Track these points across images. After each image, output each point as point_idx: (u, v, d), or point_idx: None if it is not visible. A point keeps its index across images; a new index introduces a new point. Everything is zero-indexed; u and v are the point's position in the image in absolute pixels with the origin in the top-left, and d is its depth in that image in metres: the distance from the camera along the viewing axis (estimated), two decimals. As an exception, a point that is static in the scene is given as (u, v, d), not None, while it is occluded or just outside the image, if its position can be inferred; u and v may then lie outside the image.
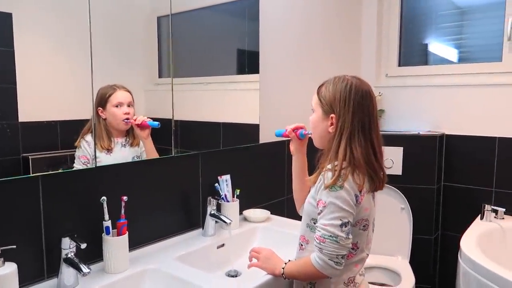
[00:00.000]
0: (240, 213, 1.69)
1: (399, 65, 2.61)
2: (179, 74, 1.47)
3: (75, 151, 1.18)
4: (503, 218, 2.15)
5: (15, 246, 0.99)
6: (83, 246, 1.06)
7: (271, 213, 1.76)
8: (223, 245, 1.52)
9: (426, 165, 2.32)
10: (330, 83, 1.11)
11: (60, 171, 1.14)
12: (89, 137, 1.20)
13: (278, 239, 1.56)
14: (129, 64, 1.34)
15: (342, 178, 1.02)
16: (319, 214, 1.06)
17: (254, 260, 1.25)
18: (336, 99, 1.08)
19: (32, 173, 1.07)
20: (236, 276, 1.43)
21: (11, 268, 0.97)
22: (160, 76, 1.44)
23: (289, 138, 1.30)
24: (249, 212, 1.73)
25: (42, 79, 1.09)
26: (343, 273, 1.11)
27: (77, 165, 1.19)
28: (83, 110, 1.20)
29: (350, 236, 1.03)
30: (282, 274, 1.15)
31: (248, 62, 1.81)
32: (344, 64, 2.47)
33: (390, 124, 2.56)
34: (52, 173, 1.12)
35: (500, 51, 2.25)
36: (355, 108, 1.06)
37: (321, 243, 1.03)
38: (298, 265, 1.13)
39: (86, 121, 1.21)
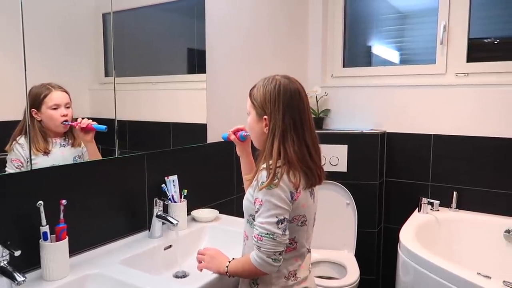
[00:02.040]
0: (188, 213, 1.68)
1: (344, 66, 2.71)
2: (125, 74, 1.44)
3: (6, 154, 1.11)
4: (438, 210, 2.30)
5: None
6: (17, 253, 1.01)
7: (220, 213, 1.76)
8: (170, 246, 1.50)
9: (369, 162, 2.43)
10: (260, 85, 1.14)
11: (-10, 175, 1.07)
12: (22, 140, 1.14)
13: (227, 238, 1.56)
14: (73, 62, 1.28)
15: (277, 176, 1.05)
16: (256, 212, 1.08)
17: (203, 262, 1.25)
18: (266, 100, 1.10)
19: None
20: (184, 277, 1.42)
21: None
22: (106, 75, 1.39)
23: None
24: (197, 212, 1.72)
25: None
26: (283, 268, 1.14)
27: (9, 169, 1.12)
28: (15, 111, 1.13)
29: (287, 233, 1.06)
30: (226, 272, 1.16)
31: (198, 62, 1.80)
32: (291, 64, 2.53)
33: (336, 123, 2.65)
34: (-19, 177, 1.05)
35: (434, 54, 2.41)
36: (285, 107, 1.09)
37: (259, 241, 1.05)
38: (239, 263, 1.15)
39: (18, 122, 1.14)
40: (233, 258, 1.19)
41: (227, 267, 1.16)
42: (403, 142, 2.47)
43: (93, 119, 1.32)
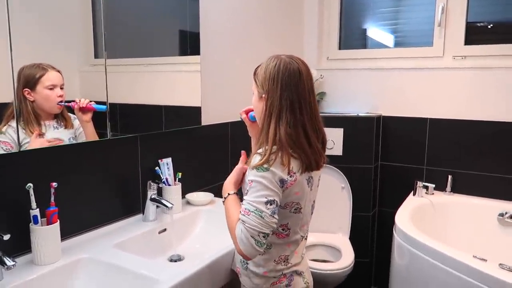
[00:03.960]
0: (183, 197, 1.65)
1: (340, 48, 2.67)
2: (116, 55, 1.38)
3: None
4: (433, 194, 2.30)
5: None
6: (6, 237, 0.98)
7: (215, 196, 1.74)
8: (165, 229, 1.48)
9: (364, 146, 2.41)
10: (264, 63, 1.11)
11: (-24, 156, 1.03)
12: (14, 123, 1.09)
13: (222, 221, 1.52)
14: (62, 43, 1.22)
15: (269, 162, 1.02)
16: (246, 193, 1.05)
17: None
18: (266, 79, 1.07)
19: None
20: (179, 261, 1.41)
21: None
22: (96, 57, 1.34)
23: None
24: (192, 196, 1.70)
25: None
26: (274, 252, 1.12)
27: (-1, 151, 1.08)
28: (3, 93, 1.08)
29: (276, 216, 1.02)
30: (223, 201, 1.15)
31: (190, 44, 1.75)
32: (287, 46, 2.48)
33: (332, 106, 2.62)
34: (-33, 158, 1.01)
35: (431, 37, 2.38)
36: (283, 86, 1.05)
37: (246, 215, 1.00)
38: (230, 214, 1.09)
39: (7, 104, 1.09)
40: (235, 193, 1.14)
41: (225, 198, 1.14)
42: (399, 126, 2.45)
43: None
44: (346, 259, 2.13)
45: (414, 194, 2.29)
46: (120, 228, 1.40)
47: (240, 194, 1.16)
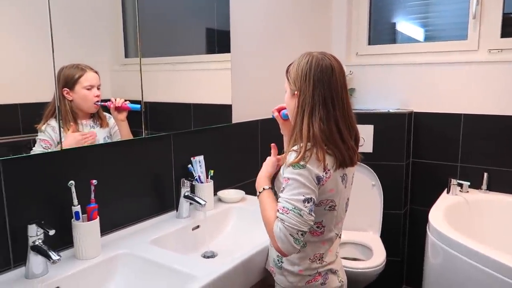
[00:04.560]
0: (215, 194, 1.67)
1: (369, 43, 2.62)
2: (146, 54, 1.41)
3: (37, 135, 1.11)
4: (467, 192, 2.24)
5: (-24, 235, 0.94)
6: (52, 232, 1.02)
7: (245, 193, 1.75)
8: (198, 226, 1.50)
9: (395, 142, 2.37)
10: (296, 61, 1.11)
11: (23, 155, 1.08)
12: (53, 122, 1.13)
13: (254, 218, 1.54)
14: (93, 43, 1.26)
15: (305, 159, 1.02)
16: (282, 191, 1.05)
17: None
18: (298, 76, 1.07)
19: (-8, 158, 1.01)
20: (212, 257, 1.42)
21: (-27, 258, 0.92)
22: (126, 56, 1.37)
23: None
24: (224, 193, 1.71)
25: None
26: (310, 250, 1.12)
27: (37, 149, 1.11)
28: (45, 92, 1.13)
29: (313, 214, 1.02)
30: (258, 195, 1.16)
31: (218, 42, 1.76)
32: (315, 43, 2.46)
33: (361, 102, 2.58)
34: (14, 157, 1.05)
35: (465, 30, 2.30)
36: (315, 82, 1.04)
37: (284, 213, 1.00)
38: (267, 207, 1.09)
39: (47, 103, 1.13)
40: (270, 188, 1.15)
41: (260, 192, 1.15)
42: (431, 122, 2.39)
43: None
44: (377, 257, 2.11)
45: (448, 192, 2.23)
46: (155, 224, 1.44)
47: (273, 189, 1.17)
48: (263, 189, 1.15)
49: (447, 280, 1.74)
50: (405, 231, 2.54)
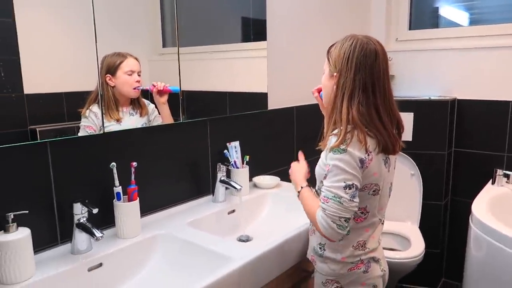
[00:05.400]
0: (250, 180, 1.68)
1: (410, 28, 2.53)
2: (183, 44, 1.43)
3: (79, 122, 1.15)
4: (514, 183, 2.12)
5: (27, 212, 0.99)
6: (95, 211, 1.06)
7: (281, 180, 1.75)
8: (233, 211, 1.52)
9: (437, 131, 2.28)
10: (339, 42, 1.09)
11: (68, 136, 1.12)
12: (95, 108, 1.17)
13: (289, 204, 1.55)
14: (131, 33, 1.29)
15: (346, 142, 1.00)
16: (324, 178, 1.04)
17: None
18: (340, 57, 1.05)
19: (40, 140, 1.06)
20: (247, 241, 1.44)
21: (24, 233, 0.98)
22: (164, 46, 1.40)
23: None
24: (259, 179, 1.72)
25: (45, 50, 1.06)
26: (353, 237, 1.10)
27: (82, 134, 1.16)
28: (88, 81, 1.16)
29: (356, 200, 1.00)
30: (298, 196, 1.17)
31: (253, 30, 1.75)
32: (352, 29, 2.39)
33: (401, 89, 2.50)
34: (60, 138, 1.10)
35: (514, 12, 2.17)
36: (357, 66, 1.02)
37: (325, 203, 1.01)
38: (308, 202, 1.11)
39: (92, 92, 1.17)
40: (307, 185, 1.17)
41: (299, 192, 1.17)
42: (476, 110, 2.28)
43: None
44: (416, 248, 2.05)
45: (493, 183, 2.13)
46: (192, 207, 1.47)
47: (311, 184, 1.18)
48: (301, 187, 1.16)
49: (490, 274, 1.67)
50: (445, 222, 2.45)
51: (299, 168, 1.25)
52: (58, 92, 1.10)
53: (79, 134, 1.15)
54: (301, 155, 1.27)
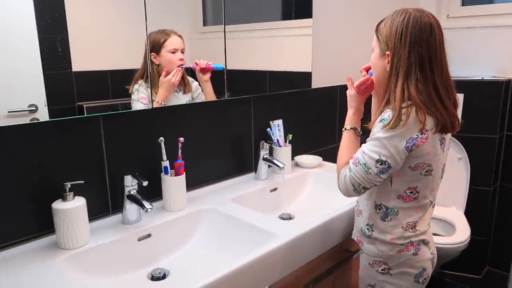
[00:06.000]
0: (292, 158, 1.67)
1: (463, 4, 2.38)
2: (222, 22, 1.41)
3: (127, 99, 1.17)
4: None
5: (82, 182, 1.04)
6: (145, 183, 1.10)
7: (323, 160, 1.73)
8: (275, 189, 1.52)
9: (488, 113, 2.17)
10: (389, 18, 1.03)
11: (118, 111, 1.16)
12: (141, 82, 1.20)
13: (331, 184, 1.52)
14: (173, 12, 1.29)
15: (402, 120, 0.95)
16: (366, 140, 1.03)
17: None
18: (392, 34, 0.99)
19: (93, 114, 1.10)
20: (289, 219, 1.44)
21: (81, 201, 1.03)
22: (204, 24, 1.39)
23: None
24: (301, 158, 1.71)
25: (92, 29, 1.08)
26: (402, 217, 1.07)
27: (138, 106, 1.19)
28: (133, 59, 1.18)
29: (383, 176, 1.00)
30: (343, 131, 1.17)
31: (295, 8, 1.71)
32: (402, 4, 2.28)
33: (452, 69, 2.34)
34: (111, 113, 1.14)
35: None
36: (411, 42, 0.96)
37: (354, 164, 1.03)
38: (343, 148, 1.13)
39: (136, 70, 1.19)
40: (352, 128, 1.15)
41: (344, 129, 1.16)
42: (533, 91, 2.14)
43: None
44: (461, 234, 1.99)
45: (548, 169, 2.01)
46: (235, 184, 1.48)
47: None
48: (345, 129, 1.16)
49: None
50: (492, 209, 2.35)
51: (348, 102, 1.19)
52: (103, 70, 1.12)
53: (133, 108, 1.18)
54: (349, 80, 1.19)
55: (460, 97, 2.18)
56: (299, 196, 1.59)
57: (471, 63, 2.32)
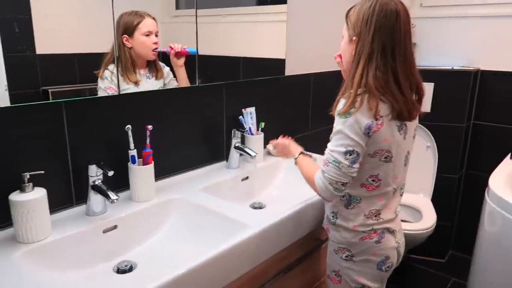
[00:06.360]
0: (264, 147, 1.65)
1: (436, -7, 2.40)
2: (193, 6, 1.36)
3: (94, 85, 1.11)
4: (534, 158, 2.07)
5: (43, 172, 0.98)
6: (111, 173, 1.05)
7: (295, 148, 1.72)
8: (247, 177, 1.50)
9: (457, 102, 2.22)
10: (358, 4, 1.03)
11: (84, 97, 1.10)
12: (112, 67, 1.14)
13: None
14: None
15: (355, 107, 0.97)
16: (330, 140, 1.04)
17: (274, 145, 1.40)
18: (359, 20, 1.00)
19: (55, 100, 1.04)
20: (260, 208, 1.43)
21: (41, 193, 0.97)
22: (177, 8, 1.33)
23: None
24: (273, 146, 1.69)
25: (58, 9, 1.01)
26: (364, 205, 1.09)
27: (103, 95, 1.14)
28: (103, 42, 1.12)
29: (355, 166, 1.00)
30: (295, 163, 1.22)
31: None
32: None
33: (423, 58, 2.41)
34: (75, 99, 1.08)
35: (552, -23, 2.03)
36: (376, 28, 0.97)
37: (325, 165, 1.03)
38: (305, 166, 1.16)
39: (106, 54, 1.13)
40: (301, 153, 1.22)
41: (296, 158, 1.22)
42: (500, 82, 2.20)
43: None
44: (427, 220, 2.05)
45: (511, 158, 2.08)
46: (206, 173, 1.46)
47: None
48: (298, 154, 1.21)
49: (503, 249, 1.66)
50: (458, 196, 2.43)
51: (286, 141, 1.31)
52: (70, 53, 1.06)
53: (99, 95, 1.12)
54: (281, 136, 1.36)
55: (430, 86, 2.24)
56: (271, 185, 1.58)
57: (443, 53, 2.35)
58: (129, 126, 1.14)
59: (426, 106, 2.24)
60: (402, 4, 1.01)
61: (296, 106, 1.87)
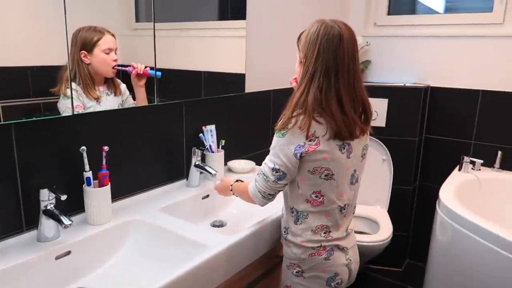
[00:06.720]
0: (225, 164, 1.66)
1: (389, 13, 2.52)
2: (157, 19, 1.35)
3: (49, 98, 1.07)
4: (479, 170, 2.20)
5: (-11, 198, 0.94)
6: (63, 197, 1.02)
7: (256, 164, 1.74)
8: (208, 196, 1.50)
9: (409, 117, 2.32)
10: (307, 28, 1.08)
11: (34, 118, 1.06)
12: (74, 85, 1.10)
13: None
14: (102, 6, 1.20)
15: (288, 127, 1.02)
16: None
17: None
18: (306, 43, 1.06)
19: (4, 122, 0.99)
20: (221, 226, 1.43)
21: (-14, 220, 0.92)
22: (137, 21, 1.32)
23: None
24: (234, 163, 1.70)
25: (7, 21, 0.97)
26: (311, 220, 1.10)
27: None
28: (57, 55, 1.08)
29: (281, 182, 1.08)
30: (231, 191, 1.29)
31: (231, 8, 1.69)
32: (332, 11, 2.37)
33: (377, 75, 2.51)
34: (25, 120, 1.04)
35: (491, 1, 2.19)
36: (319, 50, 1.02)
37: (257, 175, 1.12)
38: (241, 187, 1.24)
39: (60, 68, 1.09)
40: (237, 180, 1.31)
41: (231, 185, 1.29)
42: (448, 98, 2.33)
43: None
44: (384, 231, 2.11)
45: (459, 170, 2.21)
46: (165, 192, 1.44)
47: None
48: (232, 184, 1.29)
49: (453, 257, 1.74)
50: (412, 206, 2.53)
51: (220, 183, 1.37)
52: (23, 66, 1.02)
53: (63, 115, 1.09)
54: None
55: (384, 102, 2.33)
56: (232, 202, 1.58)
57: (396, 70, 2.46)
58: (84, 147, 1.11)
59: (381, 121, 2.34)
60: (347, 28, 1.05)
61: (257, 123, 1.90)
